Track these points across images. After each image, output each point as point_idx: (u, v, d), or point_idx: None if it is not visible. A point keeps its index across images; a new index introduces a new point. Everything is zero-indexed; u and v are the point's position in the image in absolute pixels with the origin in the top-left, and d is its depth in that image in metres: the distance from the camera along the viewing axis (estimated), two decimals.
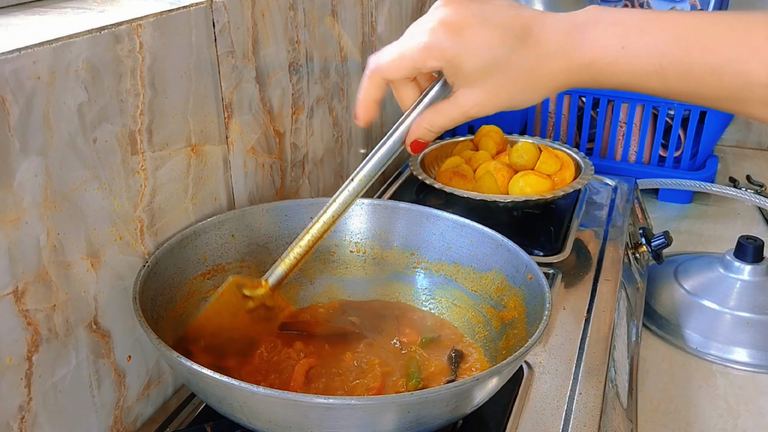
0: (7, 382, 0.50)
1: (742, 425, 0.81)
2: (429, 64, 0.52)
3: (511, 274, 0.68)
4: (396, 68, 0.53)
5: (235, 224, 0.72)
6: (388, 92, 0.56)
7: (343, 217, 0.76)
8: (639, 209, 1.14)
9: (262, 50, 0.75)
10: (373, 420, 0.50)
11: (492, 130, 1.12)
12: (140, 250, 0.62)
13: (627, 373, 0.79)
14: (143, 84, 0.59)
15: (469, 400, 0.54)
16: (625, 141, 1.29)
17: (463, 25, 0.50)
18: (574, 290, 0.85)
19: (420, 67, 0.52)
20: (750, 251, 0.96)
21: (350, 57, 0.96)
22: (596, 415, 0.65)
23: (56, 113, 0.51)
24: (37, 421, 0.53)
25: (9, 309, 0.50)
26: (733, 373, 0.90)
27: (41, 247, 0.51)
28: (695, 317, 0.96)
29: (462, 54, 0.50)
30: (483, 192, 0.96)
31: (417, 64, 0.52)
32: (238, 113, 0.73)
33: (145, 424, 0.65)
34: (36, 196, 0.50)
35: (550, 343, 0.75)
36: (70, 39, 0.51)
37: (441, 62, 0.51)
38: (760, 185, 1.39)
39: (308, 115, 0.87)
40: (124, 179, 0.59)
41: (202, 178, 0.69)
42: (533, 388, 0.68)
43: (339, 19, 0.91)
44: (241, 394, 0.49)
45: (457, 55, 0.50)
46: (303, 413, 0.49)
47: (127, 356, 0.62)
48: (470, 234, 0.73)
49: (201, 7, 0.64)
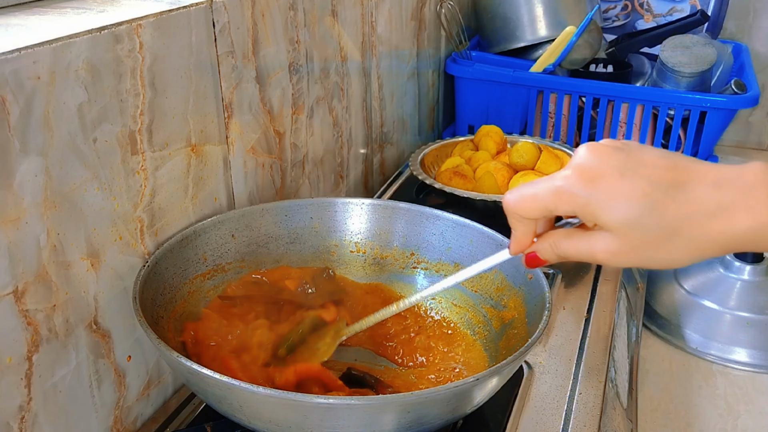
0: (7, 382, 0.50)
1: (742, 425, 0.81)
2: (561, 208, 0.49)
3: (511, 274, 0.68)
4: (528, 208, 0.51)
5: (235, 224, 0.72)
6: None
7: (343, 217, 0.77)
8: None
9: (262, 50, 0.75)
10: (373, 420, 0.50)
11: (492, 130, 1.12)
12: (140, 250, 0.62)
13: (627, 373, 0.79)
14: (143, 84, 0.59)
15: (469, 400, 0.54)
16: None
17: (598, 174, 0.47)
18: (574, 290, 0.85)
19: (552, 209, 0.50)
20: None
21: (350, 57, 0.96)
22: (596, 415, 0.65)
23: (56, 113, 0.51)
24: (37, 421, 0.53)
25: (9, 309, 0.50)
26: (733, 373, 0.90)
27: (41, 247, 0.51)
28: (695, 317, 0.96)
29: (594, 204, 0.47)
30: (483, 192, 0.96)
31: (549, 207, 0.49)
32: (238, 113, 0.73)
33: (145, 424, 0.65)
34: (36, 196, 0.50)
35: (550, 343, 0.75)
36: (70, 39, 0.51)
37: (573, 207, 0.48)
38: None
39: (308, 115, 0.87)
40: (124, 179, 0.59)
41: (202, 178, 0.69)
42: (533, 388, 0.68)
43: (339, 19, 0.91)
44: (241, 394, 0.49)
45: (589, 204, 0.47)
46: (303, 413, 0.49)
47: (127, 356, 0.62)
48: (470, 234, 0.73)
49: (201, 7, 0.64)
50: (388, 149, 1.17)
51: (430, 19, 1.27)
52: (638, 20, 1.59)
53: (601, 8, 1.54)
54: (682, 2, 1.54)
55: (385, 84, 1.09)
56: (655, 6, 1.57)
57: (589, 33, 1.32)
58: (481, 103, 1.34)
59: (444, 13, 1.31)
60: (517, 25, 1.38)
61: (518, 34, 1.38)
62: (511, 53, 1.40)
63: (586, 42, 1.32)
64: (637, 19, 1.59)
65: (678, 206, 0.46)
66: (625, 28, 1.59)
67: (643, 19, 1.58)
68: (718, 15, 1.52)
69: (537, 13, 1.37)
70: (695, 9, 1.50)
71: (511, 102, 1.31)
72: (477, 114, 1.35)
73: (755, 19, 1.58)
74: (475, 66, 1.33)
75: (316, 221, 0.76)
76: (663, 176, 0.46)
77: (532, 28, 1.37)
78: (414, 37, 1.20)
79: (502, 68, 1.31)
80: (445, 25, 1.33)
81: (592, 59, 1.37)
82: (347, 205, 0.77)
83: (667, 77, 1.28)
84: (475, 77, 1.32)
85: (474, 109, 1.35)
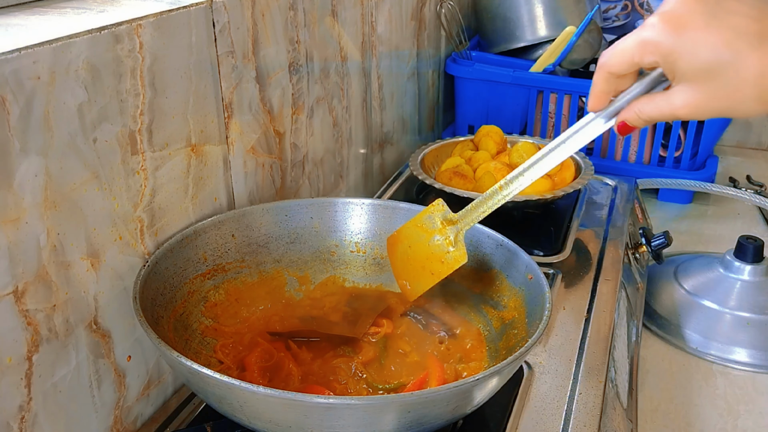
0: (7, 382, 0.50)
1: (742, 425, 0.81)
2: (646, 59, 0.50)
3: (511, 274, 0.68)
4: (617, 63, 0.52)
5: (235, 224, 0.72)
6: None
7: (343, 217, 0.77)
8: (639, 209, 1.14)
9: (262, 50, 0.75)
10: (373, 420, 0.50)
11: (492, 130, 1.12)
12: (140, 250, 0.62)
13: (627, 373, 0.79)
14: (143, 84, 0.59)
15: (469, 400, 0.54)
16: (625, 141, 1.29)
17: (685, 21, 0.48)
18: (574, 290, 0.85)
19: (638, 61, 0.51)
20: (750, 251, 0.96)
21: (350, 57, 0.96)
22: (596, 415, 0.65)
23: (56, 113, 0.51)
24: (37, 421, 0.53)
25: (9, 309, 0.50)
26: (733, 373, 0.90)
27: (41, 247, 0.51)
28: (695, 317, 0.96)
29: (678, 51, 0.48)
30: (483, 192, 0.96)
31: (635, 59, 0.51)
32: (238, 113, 0.73)
33: (145, 424, 0.65)
34: (36, 196, 0.50)
35: (550, 343, 0.75)
36: (70, 39, 0.51)
37: (657, 57, 0.49)
38: (760, 185, 1.39)
39: (308, 115, 0.87)
40: (124, 179, 0.59)
41: (202, 178, 0.69)
42: (533, 388, 0.68)
43: (339, 19, 0.91)
44: (241, 394, 0.49)
45: (672, 52, 0.48)
46: (303, 413, 0.49)
47: (127, 356, 0.62)
48: (470, 234, 0.72)
49: (201, 7, 0.64)
50: (388, 149, 1.17)
51: (430, 19, 1.27)
52: (638, 20, 1.59)
53: (601, 8, 1.54)
54: None
55: (385, 84, 1.09)
56: (655, 6, 1.57)
57: (589, 33, 1.32)
58: (481, 103, 1.34)
59: (444, 13, 1.31)
60: (517, 25, 1.38)
61: (518, 34, 1.38)
62: (511, 53, 1.40)
63: (586, 42, 1.32)
64: (637, 19, 1.59)
65: (759, 57, 0.46)
66: (625, 28, 1.59)
67: (643, 19, 1.58)
68: None
69: (537, 13, 1.37)
70: None
71: (511, 102, 1.31)
72: (477, 114, 1.35)
73: None
74: (475, 66, 1.33)
75: (316, 221, 0.76)
76: (749, 26, 0.47)
77: (532, 28, 1.37)
78: (414, 37, 1.20)
79: (502, 68, 1.31)
80: (445, 25, 1.33)
81: (592, 59, 1.37)
82: (347, 205, 0.77)
83: None
84: (475, 77, 1.32)
85: (474, 109, 1.35)
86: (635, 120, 0.55)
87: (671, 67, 0.49)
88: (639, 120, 0.54)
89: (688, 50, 0.48)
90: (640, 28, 0.51)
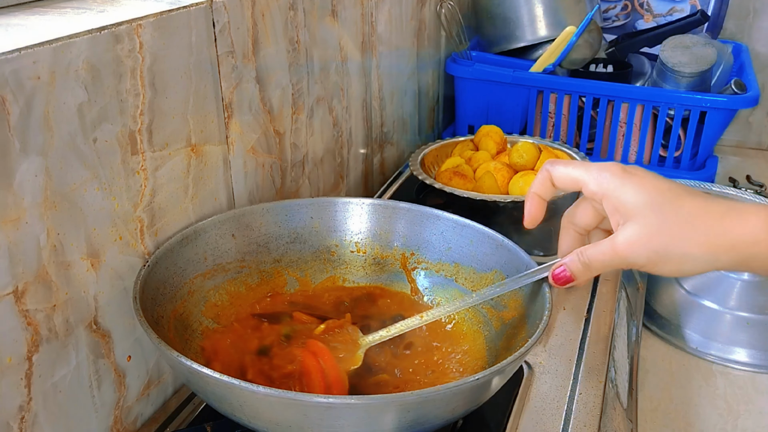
0: (7, 382, 0.50)
1: (742, 425, 0.81)
2: (590, 187, 0.54)
3: (511, 274, 0.68)
4: (562, 176, 0.57)
5: (235, 224, 0.72)
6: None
7: (343, 217, 0.77)
8: None
9: (262, 50, 0.75)
10: (373, 420, 0.50)
11: (492, 130, 1.12)
12: (140, 250, 0.62)
13: (627, 373, 0.79)
14: (143, 84, 0.59)
15: (469, 400, 0.54)
16: (625, 141, 1.29)
17: (633, 171, 0.54)
18: (574, 290, 0.85)
19: (583, 183, 0.55)
20: None
21: (350, 57, 0.96)
22: (596, 415, 0.65)
23: (56, 113, 0.51)
24: (37, 421, 0.53)
25: (9, 309, 0.50)
26: (733, 373, 0.90)
27: (41, 247, 0.51)
28: (695, 317, 0.96)
29: (625, 186, 0.53)
30: (483, 192, 0.96)
31: (580, 181, 0.55)
32: (238, 113, 0.73)
33: (145, 424, 0.65)
34: (36, 196, 0.50)
35: (550, 343, 0.75)
36: (70, 39, 0.51)
37: (603, 190, 0.54)
38: (760, 185, 1.39)
39: (308, 115, 0.87)
40: (124, 179, 0.59)
41: (202, 178, 0.69)
42: (533, 388, 0.68)
43: (339, 19, 0.91)
44: (241, 394, 0.49)
45: (621, 186, 0.53)
46: (303, 413, 0.49)
47: (127, 356, 0.62)
48: (470, 234, 0.73)
49: (201, 7, 0.64)
50: (388, 149, 1.17)
51: (430, 19, 1.27)
52: (638, 20, 1.59)
53: (601, 8, 1.54)
54: (682, 2, 1.54)
55: (385, 84, 1.09)
56: (655, 6, 1.57)
57: (589, 33, 1.32)
58: (481, 103, 1.34)
59: (444, 13, 1.31)
60: (517, 25, 1.38)
61: (518, 34, 1.38)
62: (511, 53, 1.40)
63: (586, 42, 1.32)
64: (637, 19, 1.59)
65: (697, 202, 0.51)
66: (625, 28, 1.59)
67: (643, 19, 1.58)
68: (718, 15, 1.52)
69: (537, 13, 1.37)
70: (695, 9, 1.50)
71: (511, 102, 1.31)
72: (477, 114, 1.35)
73: (755, 19, 1.58)
74: (475, 66, 1.33)
75: (316, 221, 0.76)
76: (687, 186, 0.54)
77: (532, 28, 1.37)
78: (414, 37, 1.20)
79: (502, 68, 1.31)
80: (445, 25, 1.33)
81: (592, 59, 1.37)
82: (347, 205, 0.77)
83: (667, 77, 1.28)
84: (475, 77, 1.32)
85: (474, 109, 1.35)
86: (575, 265, 0.57)
87: (615, 202, 0.53)
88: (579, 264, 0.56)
89: (634, 185, 0.53)
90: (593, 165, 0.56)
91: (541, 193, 0.59)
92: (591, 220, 0.59)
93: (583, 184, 0.55)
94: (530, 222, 0.60)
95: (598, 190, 0.54)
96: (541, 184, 0.59)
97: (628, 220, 0.52)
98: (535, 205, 0.60)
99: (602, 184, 0.54)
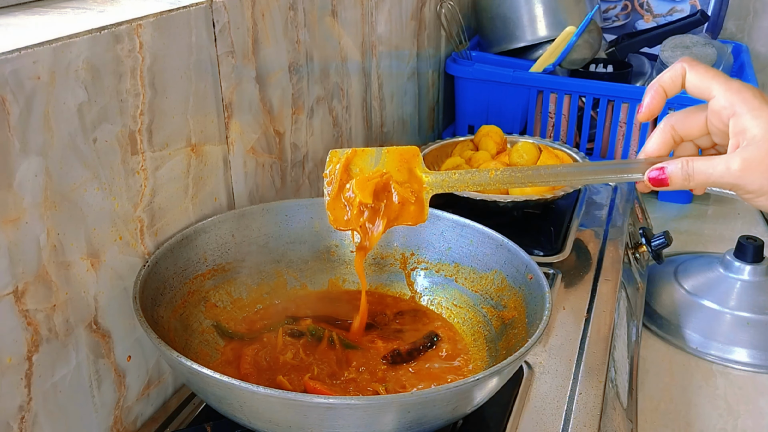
0: (7, 382, 0.50)
1: (742, 425, 0.81)
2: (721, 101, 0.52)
3: (511, 274, 0.68)
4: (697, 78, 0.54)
5: (235, 224, 0.72)
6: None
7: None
8: (639, 209, 1.15)
9: (262, 50, 0.75)
10: (373, 420, 0.50)
11: (492, 130, 1.12)
12: (140, 250, 0.62)
13: (627, 373, 0.79)
14: (143, 84, 0.59)
15: (469, 400, 0.54)
16: (625, 141, 1.29)
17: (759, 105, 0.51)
18: (574, 290, 0.85)
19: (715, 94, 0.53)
20: (750, 251, 0.96)
21: (350, 57, 0.96)
22: (596, 415, 0.65)
23: (56, 113, 0.51)
24: (37, 421, 0.53)
25: (9, 309, 0.50)
26: (733, 373, 0.90)
27: (41, 247, 0.51)
28: (695, 317, 0.96)
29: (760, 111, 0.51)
30: (483, 192, 0.96)
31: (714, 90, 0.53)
32: (238, 113, 0.73)
33: (145, 424, 0.65)
34: (36, 196, 0.50)
35: (550, 343, 0.75)
36: (70, 39, 0.51)
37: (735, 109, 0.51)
38: None
39: (308, 115, 0.87)
40: (124, 179, 0.59)
41: (202, 178, 0.69)
42: (533, 388, 0.68)
43: (339, 19, 0.91)
44: (241, 394, 0.49)
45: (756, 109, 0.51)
46: (303, 413, 0.49)
47: (127, 356, 0.62)
48: (470, 234, 0.73)
49: (201, 7, 0.64)
50: None
51: (430, 19, 1.27)
52: (638, 20, 1.59)
53: (601, 8, 1.54)
54: (682, 2, 1.54)
55: (385, 84, 1.09)
56: (655, 6, 1.57)
57: (589, 33, 1.32)
58: (481, 103, 1.34)
59: (444, 13, 1.31)
60: (517, 25, 1.38)
61: (518, 34, 1.38)
62: (511, 53, 1.40)
63: (586, 42, 1.32)
64: (637, 19, 1.59)
65: None
66: (625, 28, 1.59)
67: (643, 19, 1.58)
68: (718, 15, 1.52)
69: (537, 13, 1.37)
70: (695, 9, 1.50)
71: (511, 102, 1.31)
72: (477, 114, 1.35)
73: (755, 19, 1.58)
74: (475, 66, 1.33)
75: (316, 221, 0.76)
76: None
77: (532, 28, 1.37)
78: (414, 37, 1.20)
79: (502, 68, 1.31)
80: (445, 25, 1.33)
81: (592, 59, 1.37)
82: None
83: None
84: (475, 77, 1.32)
85: (474, 109, 1.35)
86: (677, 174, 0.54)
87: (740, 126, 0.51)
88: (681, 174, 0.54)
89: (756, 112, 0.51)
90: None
91: (667, 88, 0.56)
92: (696, 131, 0.56)
93: (715, 95, 0.53)
94: (647, 115, 0.57)
95: (729, 107, 0.52)
96: (671, 80, 0.55)
97: (752, 145, 0.50)
98: (657, 98, 0.56)
99: (736, 103, 0.51)
